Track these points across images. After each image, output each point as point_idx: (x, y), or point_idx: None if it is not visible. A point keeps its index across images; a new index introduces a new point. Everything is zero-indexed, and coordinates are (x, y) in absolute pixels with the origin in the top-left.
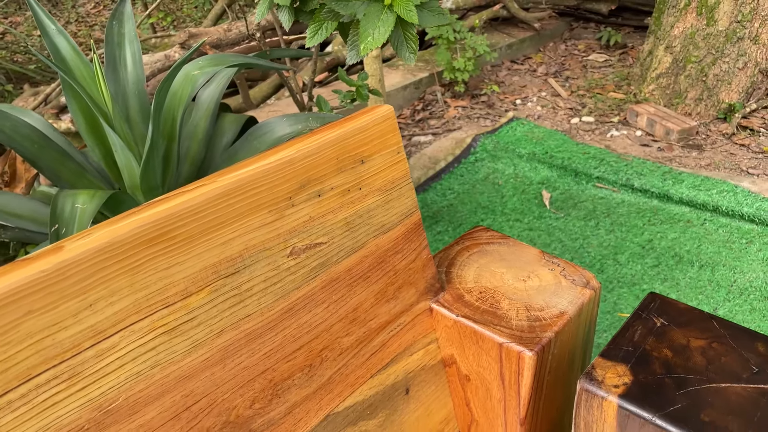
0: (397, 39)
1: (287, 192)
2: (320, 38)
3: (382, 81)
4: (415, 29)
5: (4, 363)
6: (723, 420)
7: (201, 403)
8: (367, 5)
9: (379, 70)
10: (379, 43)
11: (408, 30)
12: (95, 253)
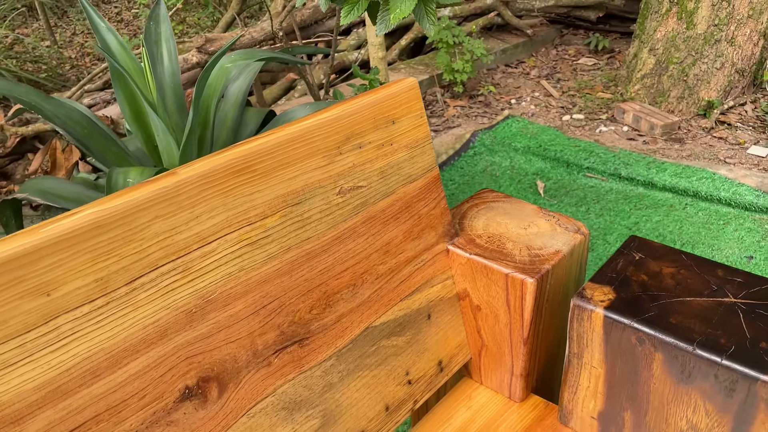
0: (419, 12)
1: (336, 142)
2: (353, 16)
3: (388, 80)
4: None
5: (139, 254)
6: (687, 322)
7: (274, 304)
8: None
9: (385, 71)
10: (405, 14)
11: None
12: (199, 178)
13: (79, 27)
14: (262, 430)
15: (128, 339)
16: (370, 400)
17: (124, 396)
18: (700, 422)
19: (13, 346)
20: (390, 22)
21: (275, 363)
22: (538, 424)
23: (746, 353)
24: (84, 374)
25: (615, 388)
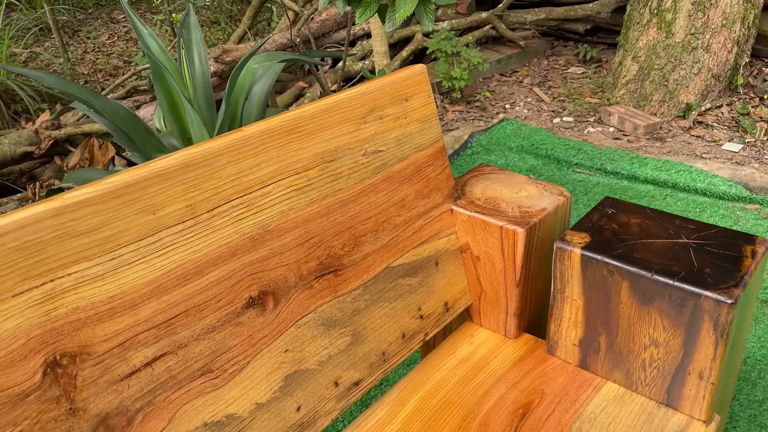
0: (419, 12)
1: (362, 113)
2: (367, 16)
3: None
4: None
5: (216, 189)
6: (648, 257)
7: (314, 240)
8: None
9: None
10: (408, 13)
11: (427, 5)
12: (260, 133)
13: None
14: (306, 339)
15: (209, 254)
16: (389, 327)
17: (206, 298)
18: (660, 337)
19: (131, 249)
20: (396, 20)
21: (316, 286)
22: (529, 354)
23: (693, 277)
24: (178, 277)
25: (591, 317)
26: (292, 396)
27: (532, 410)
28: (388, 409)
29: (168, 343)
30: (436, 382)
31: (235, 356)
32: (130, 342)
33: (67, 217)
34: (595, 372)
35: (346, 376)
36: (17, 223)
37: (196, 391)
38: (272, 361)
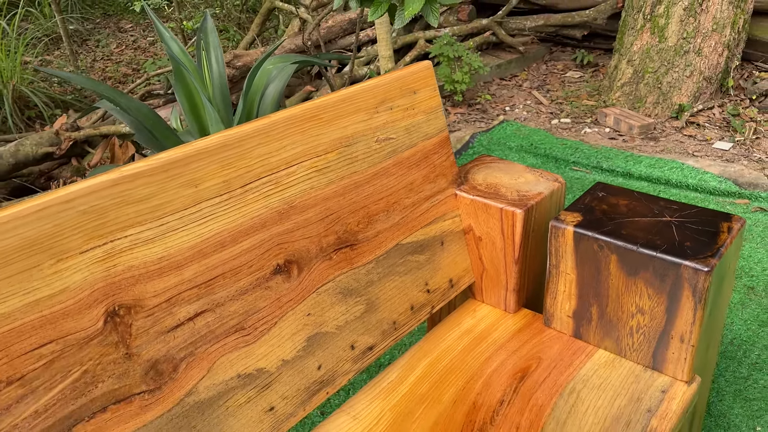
0: (426, 10)
1: (374, 104)
2: (379, 14)
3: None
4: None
5: (248, 167)
6: (634, 233)
7: (333, 216)
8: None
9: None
10: (416, 11)
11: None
12: (285, 119)
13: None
14: (326, 305)
15: (242, 225)
16: (400, 299)
17: (239, 263)
18: (645, 304)
19: (177, 217)
20: (405, 17)
21: (334, 258)
22: (527, 327)
23: (674, 249)
24: (216, 244)
25: (584, 289)
26: (313, 355)
27: (530, 373)
28: (399, 373)
29: (207, 302)
30: (442, 350)
31: (264, 316)
32: (176, 299)
33: (124, 186)
34: (588, 340)
35: (361, 341)
36: (84, 190)
37: (231, 345)
38: (296, 323)
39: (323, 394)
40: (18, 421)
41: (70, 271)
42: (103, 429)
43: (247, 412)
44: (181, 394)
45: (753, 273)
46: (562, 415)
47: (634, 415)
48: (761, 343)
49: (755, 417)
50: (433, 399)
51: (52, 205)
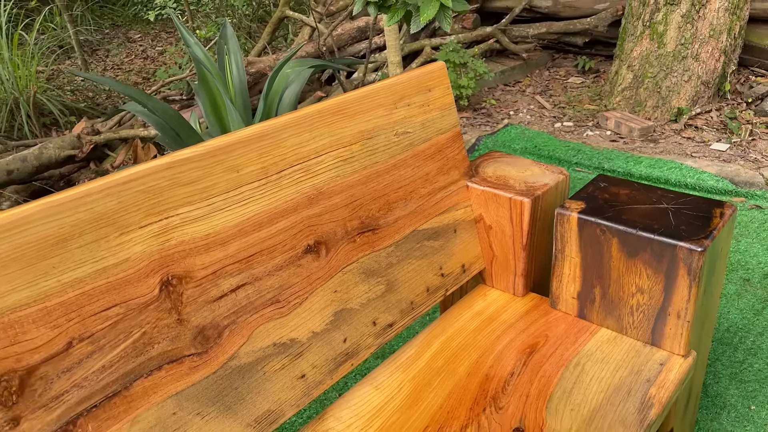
0: (439, 15)
1: (393, 100)
2: (394, 21)
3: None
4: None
5: (282, 155)
6: (634, 218)
7: (357, 202)
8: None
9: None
10: (431, 17)
11: (446, 11)
12: (315, 113)
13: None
14: (350, 283)
15: (277, 207)
16: (416, 281)
17: (274, 243)
18: (644, 284)
19: (221, 198)
20: (420, 22)
21: (358, 241)
22: (535, 308)
23: (670, 232)
24: (255, 224)
25: (587, 271)
26: (339, 329)
27: (538, 349)
28: (416, 349)
29: (247, 276)
30: (455, 330)
31: (296, 291)
32: (220, 272)
33: (176, 170)
34: (591, 320)
35: (382, 318)
36: (142, 172)
37: (268, 316)
38: (325, 298)
39: (348, 365)
40: (88, 374)
41: (131, 244)
42: (158, 386)
43: (282, 377)
44: (224, 358)
45: (749, 266)
46: (569, 384)
47: (634, 384)
48: (756, 331)
49: (750, 397)
50: (448, 371)
51: (115, 184)
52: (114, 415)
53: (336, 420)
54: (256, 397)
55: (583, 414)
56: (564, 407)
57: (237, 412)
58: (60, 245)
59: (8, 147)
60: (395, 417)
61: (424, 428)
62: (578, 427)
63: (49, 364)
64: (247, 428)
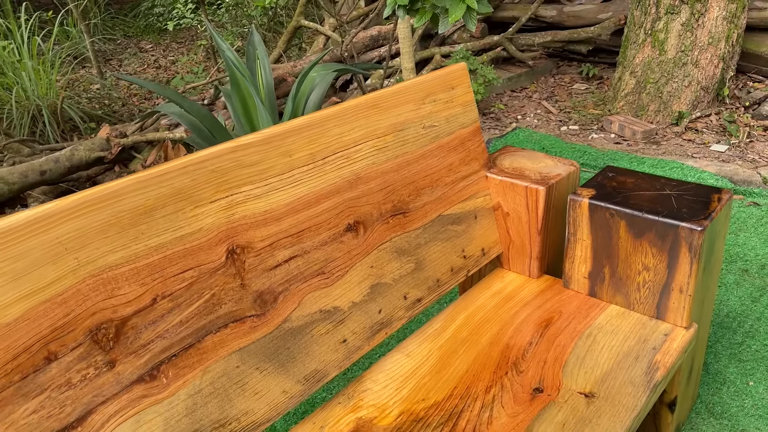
0: (466, 17)
1: (421, 97)
2: (422, 22)
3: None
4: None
5: (327, 143)
6: (640, 203)
7: (390, 188)
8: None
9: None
10: (458, 17)
11: (471, 12)
12: (354, 106)
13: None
14: (384, 260)
15: (323, 189)
16: (442, 261)
17: (320, 221)
18: (650, 262)
19: (276, 179)
20: (449, 22)
21: (391, 222)
22: (549, 288)
23: (673, 214)
24: (304, 203)
25: (597, 252)
26: (375, 301)
27: (553, 323)
28: (441, 323)
29: (298, 249)
30: (476, 307)
31: (339, 265)
32: (276, 244)
33: (240, 153)
34: (601, 297)
35: (412, 293)
36: (212, 153)
37: (315, 285)
38: (363, 272)
39: (383, 334)
40: (169, 327)
41: (204, 216)
42: (225, 341)
43: (327, 341)
44: (279, 320)
45: (747, 258)
46: (582, 352)
47: (641, 351)
48: (754, 316)
49: (748, 374)
50: (472, 341)
51: (191, 164)
52: (189, 364)
53: (373, 382)
54: (305, 357)
55: (596, 376)
56: (578, 371)
57: (289, 370)
58: (147, 215)
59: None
60: (426, 379)
61: (452, 388)
62: (592, 386)
63: (138, 317)
64: (297, 384)
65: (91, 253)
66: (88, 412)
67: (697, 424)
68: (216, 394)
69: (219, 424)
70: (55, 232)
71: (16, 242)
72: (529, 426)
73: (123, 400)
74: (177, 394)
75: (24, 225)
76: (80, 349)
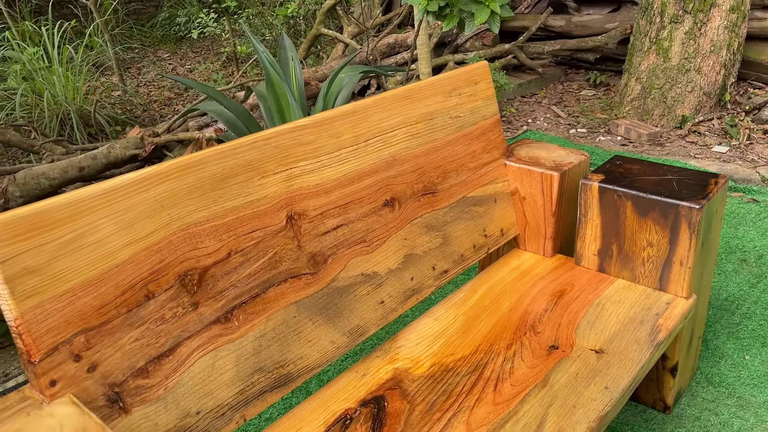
0: (490, 20)
1: (448, 90)
2: (450, 26)
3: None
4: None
5: (368, 128)
6: (644, 185)
7: (421, 170)
8: (477, 6)
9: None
10: (483, 20)
11: (494, 16)
12: (390, 96)
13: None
14: (416, 234)
15: (364, 168)
16: (466, 238)
17: (362, 195)
18: (653, 238)
19: (326, 157)
20: (475, 25)
21: (422, 201)
22: (562, 265)
23: (675, 195)
24: (349, 179)
25: (606, 231)
26: (408, 270)
27: (566, 293)
28: (465, 293)
29: (343, 219)
30: (496, 280)
31: (377, 235)
32: (326, 213)
33: (298, 132)
34: (609, 272)
35: (439, 265)
36: (276, 132)
37: (357, 251)
38: (398, 243)
39: (414, 299)
40: (240, 278)
41: (268, 185)
42: (284, 294)
43: (367, 301)
44: (328, 279)
45: (745, 249)
46: (592, 317)
47: (645, 317)
48: (751, 300)
49: (745, 350)
50: (493, 308)
51: (260, 139)
52: (256, 311)
53: (406, 340)
54: (349, 313)
55: (605, 336)
56: (589, 332)
57: (336, 323)
58: (223, 181)
59: (69, 150)
60: (453, 338)
61: (477, 345)
62: (601, 344)
63: (216, 267)
64: (342, 336)
65: (180, 210)
66: (177, 344)
67: (697, 392)
68: (277, 338)
69: (279, 365)
70: (152, 191)
71: (124, 198)
72: (547, 375)
73: (204, 337)
74: (246, 336)
75: (129, 184)
76: (171, 291)
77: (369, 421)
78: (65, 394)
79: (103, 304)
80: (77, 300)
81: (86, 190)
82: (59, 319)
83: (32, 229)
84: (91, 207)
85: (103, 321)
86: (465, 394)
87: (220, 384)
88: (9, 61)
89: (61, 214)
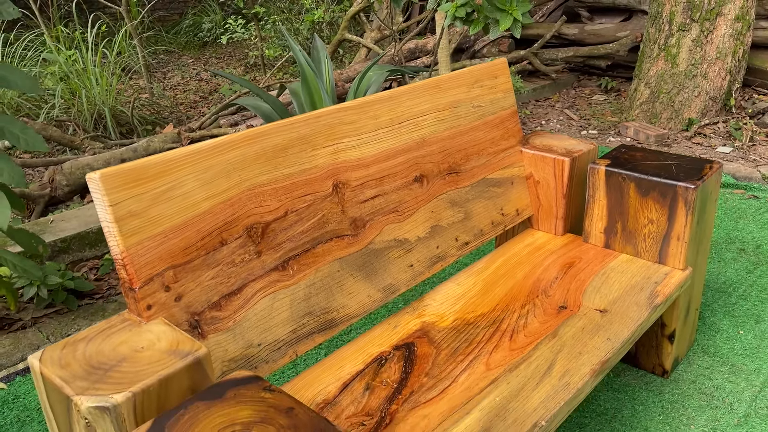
0: (513, 26)
1: (471, 81)
2: (475, 30)
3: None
4: (520, 24)
5: (402, 111)
6: (646, 169)
7: (446, 152)
8: (501, 13)
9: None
10: (507, 26)
11: (517, 23)
12: (422, 86)
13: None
14: (441, 208)
15: (398, 147)
16: (485, 215)
17: (396, 171)
18: (654, 216)
19: (366, 136)
20: (499, 29)
21: (447, 179)
22: (571, 242)
23: (672, 176)
24: (385, 156)
25: (612, 210)
26: (434, 239)
27: (575, 265)
28: (484, 263)
29: (379, 190)
30: (512, 254)
31: (408, 207)
32: (365, 184)
33: (341, 113)
34: (614, 248)
35: (462, 237)
36: (324, 111)
37: (391, 219)
38: (425, 215)
39: (439, 265)
40: (295, 234)
41: (318, 157)
42: (330, 251)
43: (399, 263)
44: (366, 242)
45: (745, 240)
46: (598, 284)
47: (645, 284)
48: (747, 283)
49: (739, 325)
50: (509, 276)
51: (312, 117)
52: (307, 263)
53: (432, 300)
54: (383, 273)
55: (609, 299)
56: (595, 296)
57: (372, 280)
58: (282, 151)
59: (108, 145)
60: (473, 300)
61: (495, 305)
62: (605, 305)
63: (276, 223)
64: (378, 292)
65: (248, 173)
66: (243, 285)
67: (693, 360)
68: (324, 288)
69: (325, 311)
70: (227, 155)
71: (204, 159)
72: (557, 329)
73: (265, 281)
74: (299, 284)
75: (209, 148)
76: (240, 240)
77: (401, 362)
78: (158, 317)
79: (187, 246)
80: (167, 241)
81: (175, 152)
82: (154, 256)
83: (134, 180)
84: (178, 165)
85: (187, 260)
86: (484, 342)
87: (277, 322)
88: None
89: (156, 170)
